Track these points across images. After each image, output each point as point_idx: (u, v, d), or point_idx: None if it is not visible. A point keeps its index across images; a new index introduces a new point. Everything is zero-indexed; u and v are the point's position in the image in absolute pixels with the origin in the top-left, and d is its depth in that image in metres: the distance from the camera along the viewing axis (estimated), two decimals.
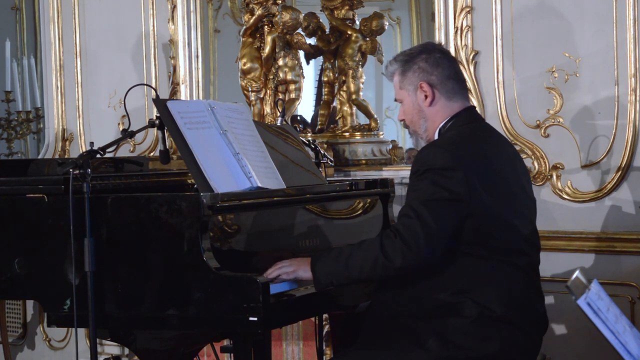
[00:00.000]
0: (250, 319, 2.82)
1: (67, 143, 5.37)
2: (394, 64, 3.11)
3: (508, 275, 2.93)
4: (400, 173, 4.37)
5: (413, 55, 3.08)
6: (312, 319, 3.93)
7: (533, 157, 4.02)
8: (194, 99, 4.89)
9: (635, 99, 3.84)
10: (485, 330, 2.87)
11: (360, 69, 4.67)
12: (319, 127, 4.72)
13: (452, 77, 3.06)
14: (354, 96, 4.63)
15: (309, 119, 5.04)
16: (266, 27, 4.71)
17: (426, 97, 3.04)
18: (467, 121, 3.06)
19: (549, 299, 3.10)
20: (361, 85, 4.67)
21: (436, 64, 3.05)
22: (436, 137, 3.07)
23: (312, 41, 4.78)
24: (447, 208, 2.86)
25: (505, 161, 3.03)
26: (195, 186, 3.08)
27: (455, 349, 2.85)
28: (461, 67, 3.78)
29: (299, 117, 4.57)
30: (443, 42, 4.20)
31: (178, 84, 4.93)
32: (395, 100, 3.17)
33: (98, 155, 3.06)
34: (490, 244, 2.91)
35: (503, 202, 2.94)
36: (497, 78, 4.14)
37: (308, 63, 4.86)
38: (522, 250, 2.97)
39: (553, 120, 4.04)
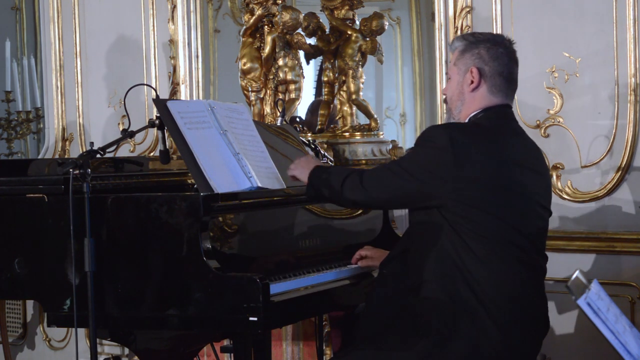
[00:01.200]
0: (250, 319, 2.82)
1: (67, 143, 5.37)
2: (460, 40, 3.13)
3: (509, 271, 2.91)
4: None
5: (479, 40, 3.09)
6: (312, 319, 3.94)
7: None
8: (194, 99, 4.88)
9: (635, 99, 3.84)
10: (483, 322, 2.87)
11: (360, 69, 4.66)
12: (319, 127, 4.72)
13: (504, 76, 3.07)
14: (354, 96, 4.62)
15: None
16: (266, 27, 4.70)
17: (472, 82, 3.06)
18: (496, 116, 3.06)
19: (548, 299, 3.10)
20: (361, 85, 4.66)
21: (495, 57, 3.06)
22: None
23: (312, 41, 4.77)
24: (408, 181, 2.95)
25: (521, 164, 3.00)
26: (195, 186, 3.09)
27: (458, 338, 2.85)
28: None
29: (298, 119, 4.56)
30: (443, 42, 4.21)
31: (178, 84, 4.92)
32: (446, 74, 3.20)
33: (98, 155, 3.06)
34: (485, 238, 2.89)
35: (500, 200, 2.91)
36: None
37: (308, 63, 4.85)
38: (522, 247, 2.94)
39: (553, 120, 4.04)
